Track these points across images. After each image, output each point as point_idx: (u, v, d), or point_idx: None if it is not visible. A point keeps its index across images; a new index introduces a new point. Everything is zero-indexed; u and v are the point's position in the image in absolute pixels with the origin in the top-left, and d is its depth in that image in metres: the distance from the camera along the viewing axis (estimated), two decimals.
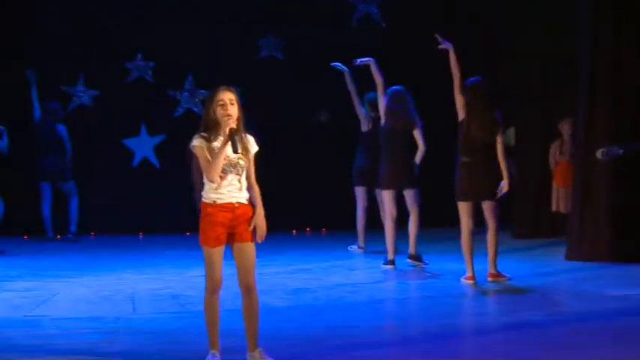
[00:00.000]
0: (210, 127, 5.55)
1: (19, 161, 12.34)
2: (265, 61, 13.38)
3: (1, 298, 8.28)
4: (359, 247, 11.02)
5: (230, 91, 5.55)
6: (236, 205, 5.59)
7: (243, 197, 5.62)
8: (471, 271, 8.65)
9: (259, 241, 5.66)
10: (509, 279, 8.83)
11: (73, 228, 12.52)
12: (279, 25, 13.29)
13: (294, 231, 13.21)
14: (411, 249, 9.80)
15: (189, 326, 6.97)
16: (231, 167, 5.55)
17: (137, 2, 12.94)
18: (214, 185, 5.56)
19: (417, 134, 9.74)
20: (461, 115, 8.72)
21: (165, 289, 8.72)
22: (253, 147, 5.67)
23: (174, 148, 12.93)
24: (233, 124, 5.50)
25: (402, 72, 11.56)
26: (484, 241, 8.79)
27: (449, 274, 9.29)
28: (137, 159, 13.20)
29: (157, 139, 13.25)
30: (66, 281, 9.19)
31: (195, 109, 13.26)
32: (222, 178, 5.54)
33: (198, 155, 5.54)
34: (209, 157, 5.49)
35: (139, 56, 13.17)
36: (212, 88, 12.23)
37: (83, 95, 13.05)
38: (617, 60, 9.93)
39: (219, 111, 5.50)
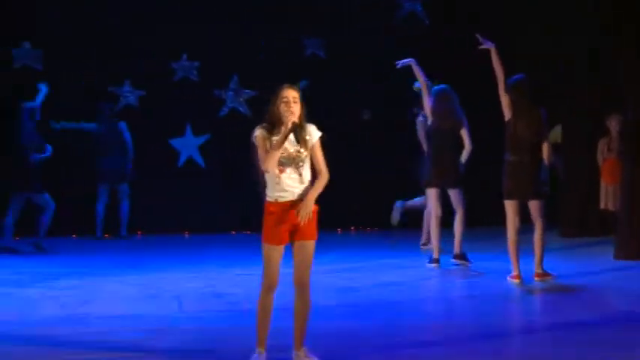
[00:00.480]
0: (273, 121, 5.62)
1: (73, 161, 12.42)
2: (309, 60, 13.35)
3: (49, 296, 8.35)
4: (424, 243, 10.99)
5: (294, 89, 5.67)
6: (297, 200, 5.64)
7: (304, 192, 5.66)
8: (517, 269, 8.60)
9: (300, 221, 5.62)
10: (556, 278, 8.75)
11: (123, 232, 12.60)
12: (323, 24, 13.26)
13: (339, 229, 13.17)
14: (456, 248, 9.74)
15: (233, 325, 6.99)
16: (289, 161, 5.62)
17: (182, 2, 12.99)
18: (275, 179, 5.61)
19: (464, 133, 9.71)
20: (507, 114, 8.67)
21: (209, 287, 8.74)
22: (314, 136, 5.70)
23: (219, 147, 13.01)
24: (295, 119, 5.59)
25: (447, 70, 11.50)
26: (531, 240, 8.70)
27: (494, 273, 9.22)
28: (182, 159, 13.24)
29: (202, 139, 13.29)
30: (112, 280, 9.24)
31: (240, 109, 13.31)
32: (280, 171, 5.61)
33: (258, 145, 5.60)
34: (268, 147, 5.56)
35: (184, 56, 13.22)
36: (257, 87, 12.37)
37: (129, 96, 13.12)
38: None
39: (283, 107, 5.60)
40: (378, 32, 13.19)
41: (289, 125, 5.55)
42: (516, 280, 8.57)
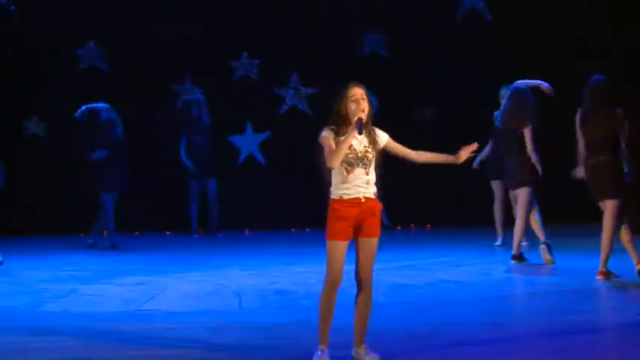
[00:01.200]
0: (340, 122, 5.64)
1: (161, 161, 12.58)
2: (368, 58, 13.34)
3: (114, 293, 8.48)
4: (500, 244, 10.88)
5: (360, 86, 5.67)
6: (362, 200, 5.64)
7: (370, 191, 5.68)
8: (604, 266, 8.48)
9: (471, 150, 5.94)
10: (617, 277, 8.63)
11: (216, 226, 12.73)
12: (382, 21, 13.23)
13: (398, 226, 13.16)
14: (515, 249, 9.63)
15: (294, 321, 7.02)
16: (358, 160, 5.63)
17: (242, 3, 13.06)
18: (342, 179, 5.63)
19: (526, 133, 9.55)
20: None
21: (270, 284, 8.78)
22: (383, 139, 5.74)
23: (279, 144, 13.08)
24: (363, 115, 5.61)
25: (508, 68, 11.42)
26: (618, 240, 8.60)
27: (564, 271, 9.11)
28: (243, 156, 13.29)
29: (262, 137, 13.34)
30: (175, 277, 9.34)
31: (300, 106, 13.35)
32: (348, 172, 5.61)
33: (324, 144, 5.60)
34: (334, 147, 5.57)
35: (245, 55, 13.29)
36: (317, 85, 12.45)
37: (190, 93, 13.20)
38: None
39: (352, 106, 5.60)
40: (439, 29, 13.07)
41: (355, 120, 5.56)
42: (602, 277, 8.48)
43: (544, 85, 9.64)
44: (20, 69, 12.77)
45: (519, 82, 9.57)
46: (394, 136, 5.85)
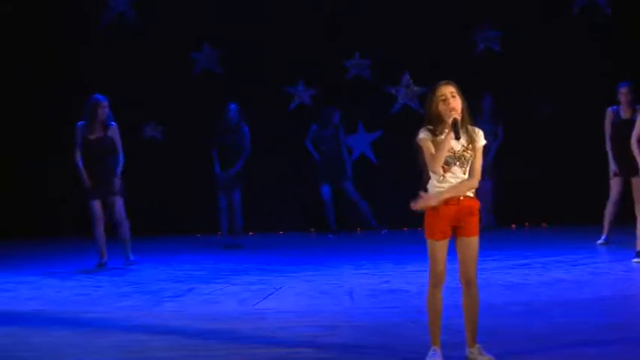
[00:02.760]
0: (435, 122, 5.58)
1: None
2: (482, 55, 13.17)
3: (229, 292, 8.60)
4: (604, 241, 10.68)
5: (450, 84, 5.57)
6: (461, 199, 5.60)
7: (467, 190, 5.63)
8: None
9: (412, 207, 5.62)
10: None
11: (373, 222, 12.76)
12: (495, 17, 13.02)
13: (512, 225, 12.94)
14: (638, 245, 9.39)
15: (407, 321, 6.99)
16: (455, 159, 5.58)
17: (353, 3, 13.05)
18: (439, 178, 5.59)
19: None
20: None
21: (383, 284, 8.76)
22: (480, 139, 5.65)
23: (392, 143, 13.02)
24: (457, 115, 5.52)
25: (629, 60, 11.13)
26: None
27: None
28: (355, 154, 13.28)
29: (374, 135, 13.32)
30: (288, 276, 9.41)
31: (412, 105, 13.29)
32: (445, 170, 5.57)
33: (423, 147, 5.58)
34: (433, 150, 5.54)
35: (357, 55, 13.29)
36: (428, 83, 12.32)
37: (303, 94, 13.31)
38: None
39: (441, 106, 5.53)
40: (556, 23, 12.80)
41: (450, 122, 5.49)
42: None
43: None
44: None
45: None
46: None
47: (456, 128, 5.50)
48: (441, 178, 5.58)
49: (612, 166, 10.30)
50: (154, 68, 12.91)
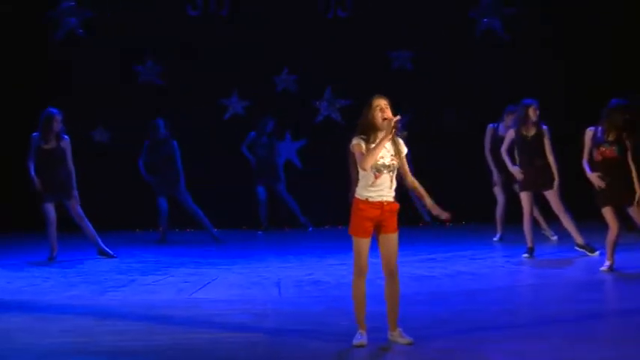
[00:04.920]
0: (368, 131, 5.68)
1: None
2: (397, 72, 13.20)
3: (168, 283, 8.56)
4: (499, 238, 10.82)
5: (384, 97, 5.76)
6: (385, 203, 5.74)
7: (391, 195, 5.76)
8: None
9: (445, 217, 5.86)
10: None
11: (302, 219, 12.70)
12: (409, 38, 13.05)
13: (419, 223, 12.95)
14: (577, 239, 9.42)
15: (329, 309, 7.06)
16: (385, 168, 5.69)
17: (282, 26, 13.04)
18: (369, 182, 5.69)
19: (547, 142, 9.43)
20: None
21: (307, 276, 8.77)
22: (404, 149, 5.82)
23: (315, 150, 13.04)
24: (395, 120, 5.66)
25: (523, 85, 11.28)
26: None
27: (571, 263, 9.09)
28: (282, 161, 13.18)
29: (300, 144, 13.36)
30: (222, 269, 9.38)
31: (333, 117, 13.30)
32: (376, 177, 5.68)
33: (355, 151, 5.66)
34: (364, 152, 5.63)
35: (285, 70, 13.31)
36: (349, 97, 12.03)
37: (237, 106, 13.26)
38: None
39: (378, 114, 5.66)
40: (460, 46, 12.94)
41: (392, 124, 5.60)
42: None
43: None
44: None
45: None
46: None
47: (399, 129, 5.67)
48: (371, 182, 5.69)
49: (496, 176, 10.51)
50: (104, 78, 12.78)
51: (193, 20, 13.11)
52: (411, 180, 5.85)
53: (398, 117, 5.66)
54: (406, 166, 5.82)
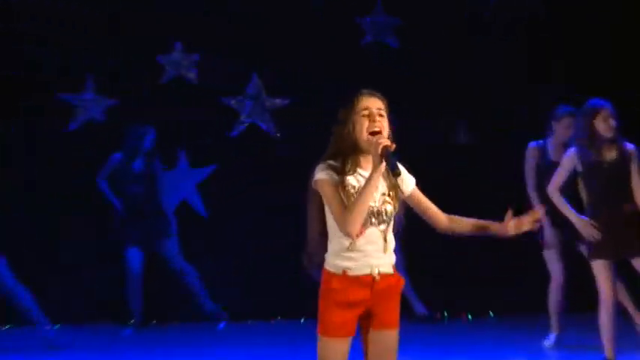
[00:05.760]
0: (344, 153, 3.69)
1: None
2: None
3: None
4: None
5: (377, 97, 3.77)
6: (376, 278, 3.70)
7: (387, 262, 3.71)
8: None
9: (531, 226, 3.71)
10: None
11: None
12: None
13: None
14: None
15: None
16: (371, 215, 3.69)
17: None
18: (345, 244, 3.69)
19: None
20: None
21: None
22: (408, 184, 3.75)
23: (232, 185, 8.75)
24: (386, 141, 3.61)
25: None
26: None
27: None
28: (174, 202, 9.01)
29: (204, 173, 8.96)
30: None
31: (262, 126, 9.01)
32: (359, 233, 3.74)
33: (326, 195, 3.66)
34: (344, 199, 3.64)
35: (178, 46, 8.84)
36: (289, 93, 9.28)
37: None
38: None
39: (364, 124, 3.70)
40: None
41: (379, 151, 3.56)
42: None
43: None
44: None
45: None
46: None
47: (391, 160, 3.57)
48: (349, 242, 3.66)
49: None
50: None
51: None
52: (445, 217, 3.79)
53: (393, 145, 3.63)
54: (425, 200, 3.79)
